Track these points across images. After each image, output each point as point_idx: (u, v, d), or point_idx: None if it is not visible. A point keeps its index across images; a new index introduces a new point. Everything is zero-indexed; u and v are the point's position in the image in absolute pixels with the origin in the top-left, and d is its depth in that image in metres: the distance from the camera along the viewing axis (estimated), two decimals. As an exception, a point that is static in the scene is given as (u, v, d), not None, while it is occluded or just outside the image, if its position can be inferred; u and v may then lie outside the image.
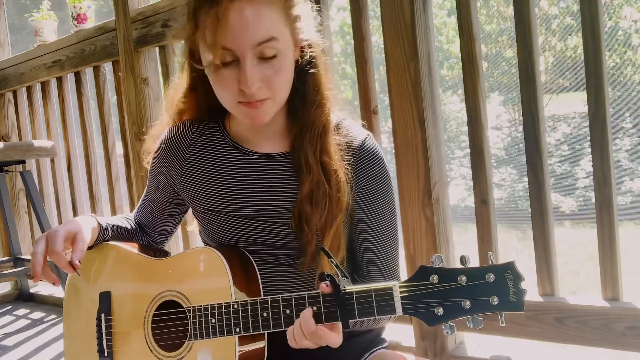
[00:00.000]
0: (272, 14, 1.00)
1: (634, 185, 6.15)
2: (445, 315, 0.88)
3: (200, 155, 1.18)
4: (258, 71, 1.01)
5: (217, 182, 1.15)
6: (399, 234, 1.21)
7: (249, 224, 1.14)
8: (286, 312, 0.97)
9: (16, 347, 2.43)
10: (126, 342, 1.15)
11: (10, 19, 3.51)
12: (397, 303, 0.90)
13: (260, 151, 1.14)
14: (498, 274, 0.87)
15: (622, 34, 6.81)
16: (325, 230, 1.08)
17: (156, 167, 1.24)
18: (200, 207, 1.18)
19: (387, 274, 1.17)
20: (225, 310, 1.02)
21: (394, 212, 1.17)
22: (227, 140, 1.17)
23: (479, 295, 0.87)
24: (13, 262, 3.11)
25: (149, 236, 1.33)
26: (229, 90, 1.04)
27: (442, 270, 0.89)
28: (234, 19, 0.98)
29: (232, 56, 1.00)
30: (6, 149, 2.58)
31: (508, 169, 7.16)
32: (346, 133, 1.13)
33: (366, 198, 1.13)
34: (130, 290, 1.16)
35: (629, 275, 1.54)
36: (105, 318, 1.17)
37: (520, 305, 0.86)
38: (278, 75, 1.03)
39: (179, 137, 1.20)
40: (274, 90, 1.04)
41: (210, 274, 1.06)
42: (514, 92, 7.33)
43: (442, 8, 8.42)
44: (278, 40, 1.01)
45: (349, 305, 0.92)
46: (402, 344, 1.79)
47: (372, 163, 1.12)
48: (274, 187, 1.13)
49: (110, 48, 2.56)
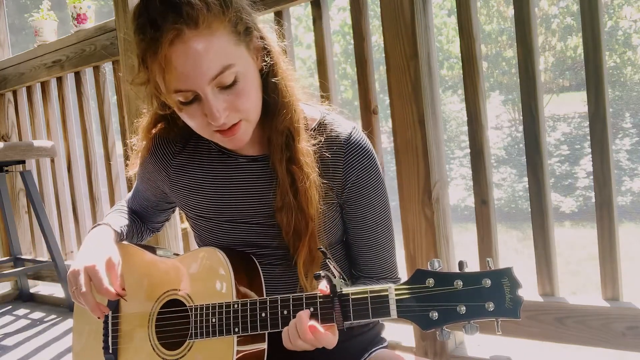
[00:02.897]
0: (219, 42, 0.95)
1: (634, 185, 6.15)
2: (440, 319, 0.87)
3: (186, 164, 1.17)
4: (222, 100, 0.98)
5: (206, 188, 1.15)
6: (394, 228, 1.20)
7: (239, 227, 1.14)
8: (284, 313, 0.97)
9: (16, 347, 2.43)
10: (131, 340, 1.16)
11: (10, 19, 3.51)
12: (392, 306, 0.89)
13: (246, 154, 1.14)
14: (495, 280, 0.85)
15: (622, 34, 6.81)
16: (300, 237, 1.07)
17: (144, 175, 1.24)
18: (192, 213, 1.19)
19: (383, 267, 1.17)
20: (225, 310, 1.02)
21: (386, 204, 1.16)
22: (212, 146, 1.16)
23: (474, 301, 0.86)
24: (13, 262, 3.12)
25: (147, 224, 1.34)
26: (199, 124, 1.02)
27: (438, 274, 0.88)
28: (179, 63, 0.94)
29: (193, 93, 0.97)
30: (6, 149, 2.58)
31: (508, 169, 7.16)
32: (331, 129, 1.11)
33: (357, 192, 1.12)
34: (137, 288, 1.17)
35: (629, 275, 1.54)
36: (112, 316, 1.18)
37: (517, 312, 0.85)
38: (243, 98, 1.00)
39: (164, 149, 1.19)
40: (243, 112, 1.01)
41: (213, 274, 1.07)
42: (514, 92, 7.34)
43: (442, 8, 8.43)
44: (234, 65, 0.97)
45: (344, 307, 0.92)
46: (402, 344, 1.79)
47: (361, 157, 1.11)
48: (260, 189, 1.12)
49: (110, 48, 2.56)
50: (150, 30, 0.94)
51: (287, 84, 1.08)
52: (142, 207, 1.32)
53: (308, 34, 8.58)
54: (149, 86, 1.03)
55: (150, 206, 1.30)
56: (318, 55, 1.93)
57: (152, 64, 0.96)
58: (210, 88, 0.97)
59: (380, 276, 1.17)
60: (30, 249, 3.34)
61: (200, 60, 0.94)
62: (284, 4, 1.92)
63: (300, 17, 8.90)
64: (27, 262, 3.12)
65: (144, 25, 0.95)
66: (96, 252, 1.09)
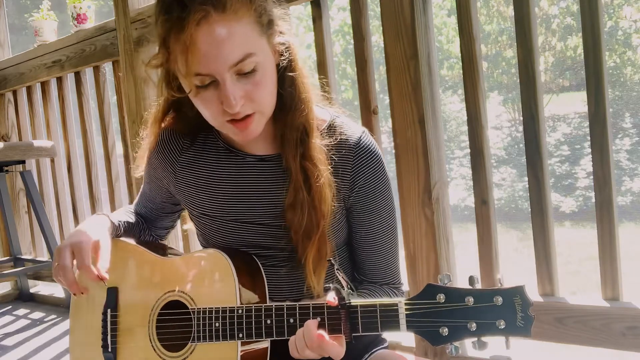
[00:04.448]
0: (244, 29, 0.96)
1: (634, 185, 6.14)
2: (450, 335, 0.86)
3: (193, 161, 1.17)
4: (239, 88, 0.98)
5: (212, 187, 1.15)
6: (398, 233, 1.20)
7: (244, 227, 1.13)
8: (290, 321, 0.96)
9: (16, 347, 2.43)
10: (130, 339, 1.15)
11: (10, 19, 3.51)
12: (402, 320, 0.89)
13: (254, 153, 1.13)
14: (506, 298, 0.85)
15: (622, 34, 6.80)
16: (310, 237, 1.06)
17: (150, 173, 1.24)
18: (196, 211, 1.18)
19: (387, 272, 1.17)
20: (229, 315, 1.01)
21: (392, 210, 1.16)
22: (220, 144, 1.15)
23: (485, 318, 0.85)
24: (13, 262, 3.12)
25: (151, 230, 1.33)
26: (213, 111, 1.01)
27: (449, 290, 0.87)
28: (204, 45, 0.93)
29: (211, 78, 0.97)
30: (6, 149, 2.59)
31: (508, 169, 7.16)
32: (340, 131, 1.11)
33: (364, 197, 1.12)
34: (137, 287, 1.17)
35: (629, 275, 1.53)
36: (111, 313, 1.17)
37: (528, 331, 0.84)
38: (260, 89, 1.00)
39: (171, 144, 1.18)
40: (258, 103, 1.01)
41: (217, 277, 1.06)
42: (514, 92, 7.33)
43: (442, 8, 8.42)
44: (255, 55, 0.98)
45: (353, 319, 0.92)
46: (402, 344, 1.79)
47: (369, 161, 1.11)
48: (268, 189, 1.12)
49: (110, 48, 2.56)
50: (177, 8, 0.93)
51: (304, 81, 1.09)
52: (147, 209, 1.31)
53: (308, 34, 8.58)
54: (166, 68, 1.02)
55: (155, 208, 1.30)
56: (318, 55, 1.93)
57: (174, 44, 0.96)
58: (229, 74, 0.97)
59: (384, 281, 1.17)
60: (30, 249, 3.34)
61: (223, 45, 0.94)
62: (284, 3, 1.92)
63: (301, 17, 8.89)
64: (27, 262, 3.12)
65: (171, 4, 0.95)
66: (86, 234, 1.08)
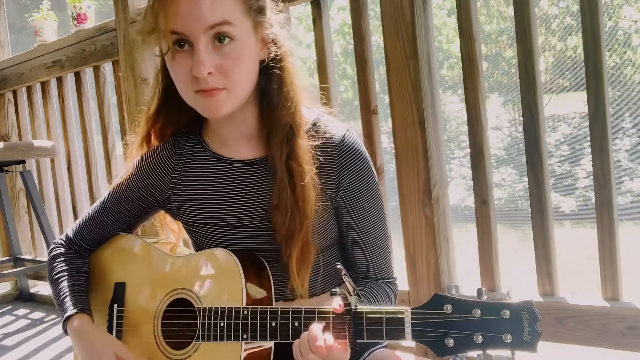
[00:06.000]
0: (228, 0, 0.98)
1: (634, 185, 6.14)
2: (456, 347, 0.86)
3: (184, 174, 1.16)
4: (212, 58, 0.98)
5: (203, 197, 1.15)
6: (394, 228, 1.20)
7: (236, 232, 1.13)
8: (295, 325, 0.96)
9: (16, 347, 2.43)
10: (135, 335, 1.15)
11: (10, 19, 3.51)
12: (408, 329, 0.88)
13: (240, 158, 1.13)
14: (514, 312, 0.84)
15: (622, 34, 6.80)
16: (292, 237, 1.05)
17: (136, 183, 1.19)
18: (188, 221, 1.18)
19: (380, 268, 1.17)
20: (234, 315, 1.01)
21: (380, 205, 1.15)
22: (207, 153, 1.15)
23: (492, 331, 0.85)
24: (13, 262, 3.12)
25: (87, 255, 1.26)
26: (184, 78, 1.01)
27: (456, 301, 0.87)
28: (183, 2, 0.96)
29: (187, 41, 0.98)
30: (6, 149, 2.59)
31: (508, 169, 7.15)
32: (324, 130, 1.10)
33: (351, 195, 1.11)
34: (144, 284, 1.17)
35: (629, 275, 1.53)
36: (117, 309, 1.17)
37: (534, 346, 0.84)
38: (234, 66, 1.00)
39: (163, 162, 1.17)
40: (230, 80, 1.00)
41: (224, 276, 1.06)
42: (514, 92, 7.32)
43: (442, 8, 8.42)
44: (233, 26, 0.98)
45: (358, 326, 0.92)
46: (402, 344, 1.79)
47: (354, 159, 1.10)
48: (256, 193, 1.12)
49: (110, 48, 2.56)
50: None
51: (293, 80, 1.09)
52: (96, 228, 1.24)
53: (308, 34, 8.58)
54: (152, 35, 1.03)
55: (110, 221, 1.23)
56: (318, 55, 1.93)
57: (158, 3, 0.98)
58: (204, 39, 0.98)
59: (378, 277, 1.17)
60: (30, 249, 3.34)
61: (202, 5, 0.96)
62: (284, 3, 1.92)
63: (301, 17, 8.90)
64: (27, 262, 3.12)
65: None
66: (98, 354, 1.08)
